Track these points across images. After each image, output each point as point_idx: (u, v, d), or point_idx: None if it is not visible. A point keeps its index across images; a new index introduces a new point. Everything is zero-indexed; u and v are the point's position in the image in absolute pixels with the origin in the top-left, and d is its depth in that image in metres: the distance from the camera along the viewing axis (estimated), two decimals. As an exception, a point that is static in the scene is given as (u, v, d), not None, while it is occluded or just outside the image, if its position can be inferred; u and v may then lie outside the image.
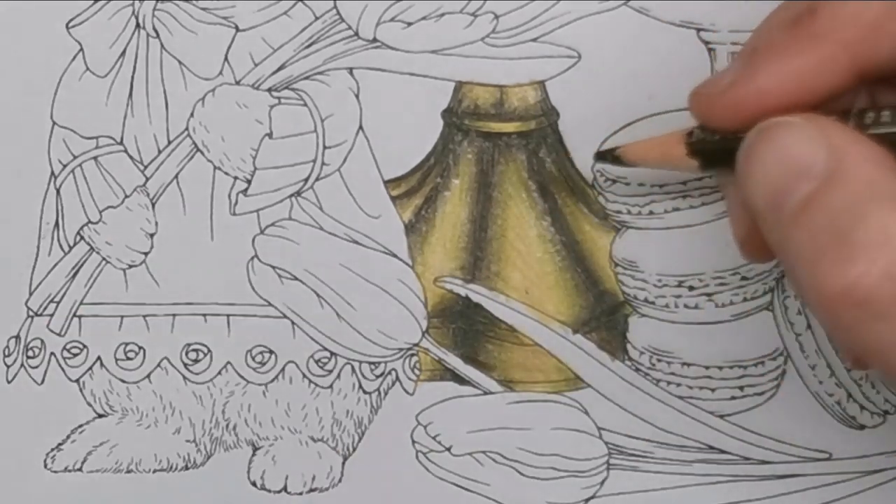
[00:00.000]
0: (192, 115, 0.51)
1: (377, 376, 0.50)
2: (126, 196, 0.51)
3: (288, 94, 0.51)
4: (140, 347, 0.51)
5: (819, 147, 0.39)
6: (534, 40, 0.51)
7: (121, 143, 0.51)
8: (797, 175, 0.39)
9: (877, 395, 0.50)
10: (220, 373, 0.51)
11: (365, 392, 0.50)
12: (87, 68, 0.52)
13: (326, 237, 0.51)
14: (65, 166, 0.51)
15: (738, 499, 0.49)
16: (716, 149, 0.43)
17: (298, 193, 0.51)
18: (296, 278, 0.50)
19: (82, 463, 0.51)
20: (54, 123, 0.52)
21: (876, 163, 0.39)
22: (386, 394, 0.50)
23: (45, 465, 0.51)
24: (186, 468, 0.51)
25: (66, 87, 0.52)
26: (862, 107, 0.42)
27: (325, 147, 0.51)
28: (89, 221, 0.51)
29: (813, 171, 0.39)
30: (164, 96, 0.51)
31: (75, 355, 0.51)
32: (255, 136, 0.51)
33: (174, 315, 0.51)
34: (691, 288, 0.50)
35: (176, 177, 0.51)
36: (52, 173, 0.51)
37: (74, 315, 0.51)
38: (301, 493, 0.50)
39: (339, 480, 0.50)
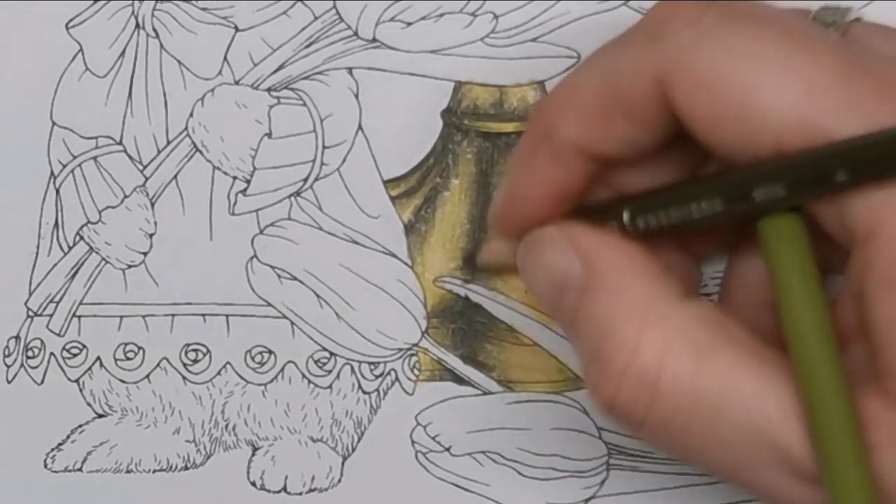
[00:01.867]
0: (191, 114, 0.51)
1: (376, 376, 0.50)
2: (125, 196, 0.51)
3: (287, 93, 0.51)
4: (139, 347, 0.51)
5: (572, 258, 0.41)
6: (533, 40, 0.51)
7: (120, 143, 0.51)
8: (560, 288, 0.41)
9: (877, 395, 0.50)
10: (219, 373, 0.51)
11: (364, 392, 0.50)
12: (87, 68, 0.52)
13: (326, 237, 0.51)
14: (64, 166, 0.51)
15: (737, 499, 0.49)
16: None
17: (298, 193, 0.51)
18: (295, 278, 0.50)
19: (82, 463, 0.51)
20: (54, 123, 0.52)
21: (622, 270, 0.40)
22: (385, 394, 0.50)
23: (45, 465, 0.51)
24: (186, 468, 0.51)
25: (65, 87, 0.52)
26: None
27: (324, 147, 0.51)
28: (89, 221, 0.51)
29: (571, 283, 0.41)
30: (164, 96, 0.51)
31: (75, 355, 0.51)
32: (254, 136, 0.51)
33: (173, 315, 0.51)
34: (691, 288, 0.50)
35: (175, 177, 0.51)
36: (52, 173, 0.51)
37: (74, 315, 0.51)
38: (301, 494, 0.50)
39: (339, 480, 0.50)
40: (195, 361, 0.51)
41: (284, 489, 0.50)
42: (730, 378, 0.39)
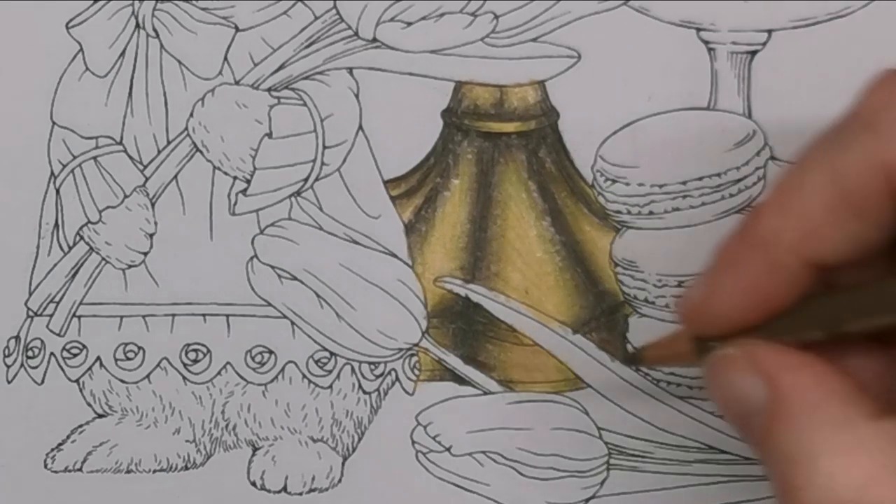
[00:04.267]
0: (191, 114, 0.51)
1: (377, 376, 0.50)
2: (126, 196, 0.51)
3: (288, 93, 0.51)
4: (139, 347, 0.51)
5: (756, 381, 0.39)
6: (534, 40, 0.51)
7: (120, 143, 0.51)
8: (747, 413, 0.39)
9: (877, 395, 0.50)
10: (219, 373, 0.51)
11: (365, 392, 0.50)
12: (87, 68, 0.52)
13: (326, 237, 0.50)
14: (64, 166, 0.51)
15: (738, 499, 0.49)
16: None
17: (298, 193, 0.51)
18: (295, 278, 0.50)
19: (82, 463, 0.51)
20: (54, 123, 0.52)
21: (809, 391, 0.38)
22: (386, 394, 0.50)
23: (45, 465, 0.51)
24: (186, 468, 0.51)
25: (66, 87, 0.52)
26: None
27: (324, 147, 0.51)
28: (89, 221, 0.51)
29: (756, 407, 0.39)
30: (164, 96, 0.51)
31: (75, 355, 0.51)
32: (254, 136, 0.51)
33: (174, 315, 0.51)
34: (691, 288, 0.50)
35: (175, 177, 0.51)
36: (52, 173, 0.51)
37: (74, 315, 0.51)
38: (301, 494, 0.50)
39: (339, 480, 0.50)
40: (195, 361, 0.51)
41: (284, 489, 0.50)
42: None
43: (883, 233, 0.38)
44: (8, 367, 0.51)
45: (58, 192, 0.51)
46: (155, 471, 0.51)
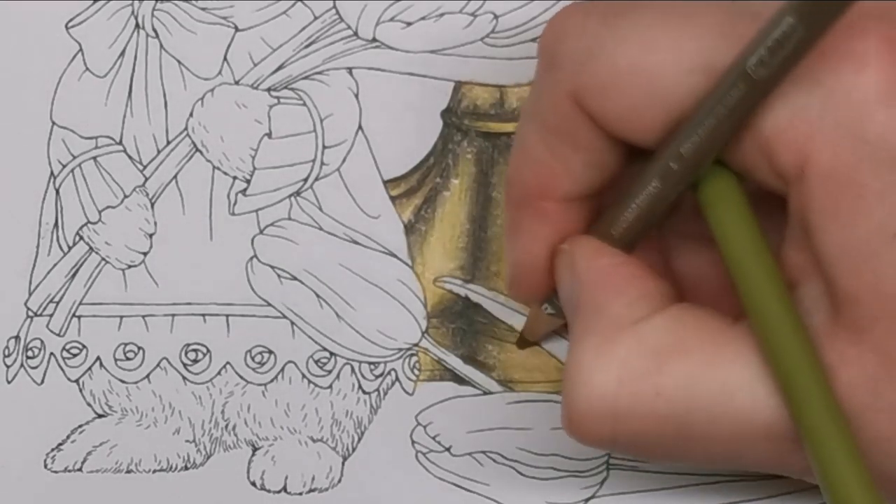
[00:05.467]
0: (191, 114, 0.51)
1: (377, 376, 0.50)
2: (125, 196, 0.51)
3: (287, 93, 0.51)
4: (139, 347, 0.51)
5: (567, 278, 0.42)
6: (533, 40, 0.51)
7: (120, 143, 0.51)
8: (565, 303, 0.43)
9: (877, 395, 0.49)
10: (219, 373, 0.51)
11: (364, 392, 0.50)
12: (87, 68, 0.52)
13: (326, 237, 0.51)
14: (64, 166, 0.51)
15: (738, 499, 0.49)
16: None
17: (298, 193, 0.51)
18: (295, 278, 0.50)
19: (82, 463, 0.51)
20: (54, 123, 0.52)
21: (600, 289, 0.41)
22: (385, 394, 0.50)
23: (45, 465, 0.51)
24: (186, 468, 0.51)
25: (65, 87, 0.52)
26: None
27: (324, 147, 0.51)
28: (88, 221, 0.51)
29: (567, 303, 0.42)
30: (164, 96, 0.51)
31: (75, 355, 0.51)
32: (254, 136, 0.51)
33: (173, 315, 0.51)
34: (691, 288, 0.50)
35: (175, 177, 0.51)
36: (52, 173, 0.51)
37: (74, 315, 0.51)
38: (301, 494, 0.50)
39: (339, 480, 0.50)
40: (195, 361, 0.51)
41: (284, 489, 0.50)
42: (693, 381, 0.39)
43: (614, 149, 0.41)
44: (8, 367, 0.51)
45: (57, 192, 0.51)
46: (155, 471, 0.51)
